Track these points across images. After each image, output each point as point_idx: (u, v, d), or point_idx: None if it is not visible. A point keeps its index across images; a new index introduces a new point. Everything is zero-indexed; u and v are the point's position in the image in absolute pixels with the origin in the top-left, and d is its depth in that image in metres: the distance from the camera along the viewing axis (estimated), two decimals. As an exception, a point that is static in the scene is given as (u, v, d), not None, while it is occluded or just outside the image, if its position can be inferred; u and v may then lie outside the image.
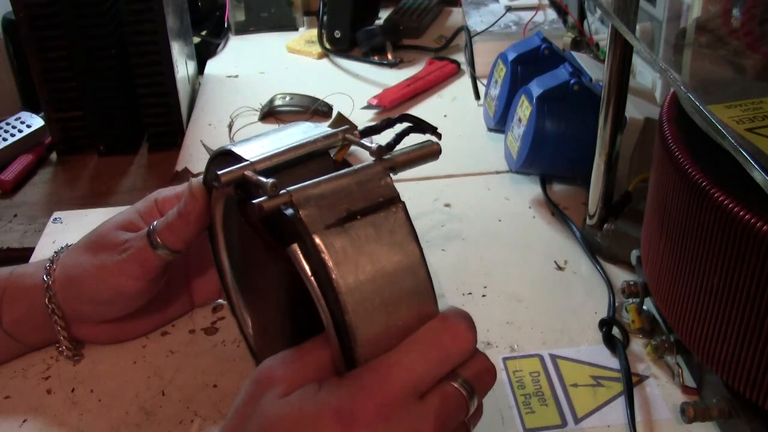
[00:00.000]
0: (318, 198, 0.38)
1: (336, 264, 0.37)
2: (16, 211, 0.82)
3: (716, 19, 0.55)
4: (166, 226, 0.53)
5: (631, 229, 0.66)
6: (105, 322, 0.59)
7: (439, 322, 0.40)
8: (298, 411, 0.37)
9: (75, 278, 0.55)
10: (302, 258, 0.38)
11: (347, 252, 0.38)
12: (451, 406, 0.39)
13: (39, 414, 0.55)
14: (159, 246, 0.53)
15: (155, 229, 0.53)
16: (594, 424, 0.53)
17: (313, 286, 0.38)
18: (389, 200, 0.40)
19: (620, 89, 0.62)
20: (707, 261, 0.46)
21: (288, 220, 0.38)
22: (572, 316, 0.62)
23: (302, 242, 0.38)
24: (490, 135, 0.91)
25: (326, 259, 0.37)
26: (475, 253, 0.70)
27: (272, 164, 0.42)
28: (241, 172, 0.41)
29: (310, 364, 0.40)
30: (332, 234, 0.38)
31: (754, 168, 0.39)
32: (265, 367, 0.41)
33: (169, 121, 0.93)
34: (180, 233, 0.52)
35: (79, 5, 0.84)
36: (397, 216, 0.40)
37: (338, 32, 1.15)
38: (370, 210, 0.39)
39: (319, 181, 0.39)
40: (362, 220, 0.39)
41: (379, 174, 0.41)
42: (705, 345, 0.48)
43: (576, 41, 1.04)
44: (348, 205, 0.39)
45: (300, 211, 0.38)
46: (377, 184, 0.40)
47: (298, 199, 0.38)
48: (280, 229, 0.40)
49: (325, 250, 0.37)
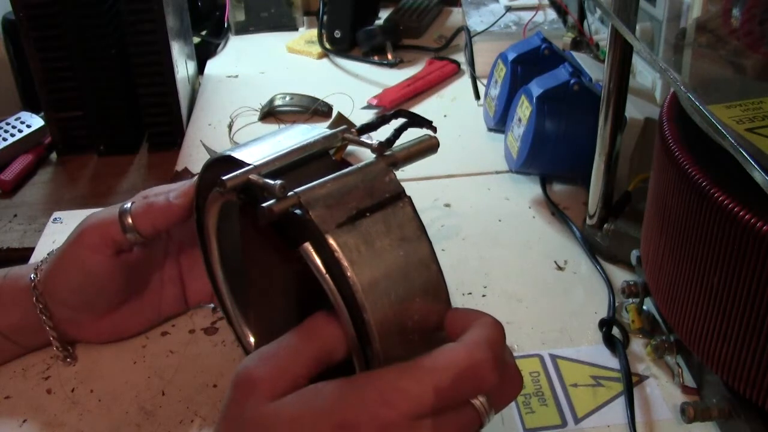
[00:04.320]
0: (326, 198, 0.39)
1: (351, 262, 0.37)
2: (16, 211, 0.82)
3: (716, 19, 0.55)
4: (147, 206, 0.53)
5: (631, 229, 0.66)
6: (97, 321, 0.58)
7: (465, 352, 0.37)
8: (294, 414, 0.37)
9: (51, 268, 0.56)
10: (316, 257, 0.38)
11: (360, 250, 0.38)
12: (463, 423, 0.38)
13: (39, 414, 0.55)
14: (128, 229, 0.53)
15: (130, 208, 0.54)
16: (594, 424, 0.53)
17: (329, 285, 0.38)
18: (395, 195, 0.40)
19: (620, 89, 0.62)
20: (707, 261, 0.46)
21: (298, 221, 0.38)
22: (572, 316, 0.62)
23: (314, 242, 0.38)
24: (490, 135, 0.91)
25: (341, 257, 0.37)
26: (475, 253, 0.70)
27: (276, 167, 0.42)
28: (246, 176, 0.41)
29: (288, 360, 0.39)
30: (344, 232, 0.38)
31: (754, 168, 0.39)
32: (244, 368, 0.39)
33: (169, 121, 0.93)
34: (155, 218, 0.53)
35: (79, 5, 0.84)
36: (405, 210, 0.40)
37: (338, 32, 1.15)
38: (378, 206, 0.39)
39: (325, 181, 0.40)
40: (372, 217, 0.39)
41: (383, 170, 0.41)
42: (705, 345, 0.48)
43: (576, 41, 1.04)
44: (356, 202, 0.39)
45: (310, 212, 0.38)
46: (382, 181, 0.40)
47: (307, 200, 0.38)
48: (287, 231, 0.40)
49: (339, 249, 0.37)
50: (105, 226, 0.54)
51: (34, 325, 0.57)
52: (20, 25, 0.85)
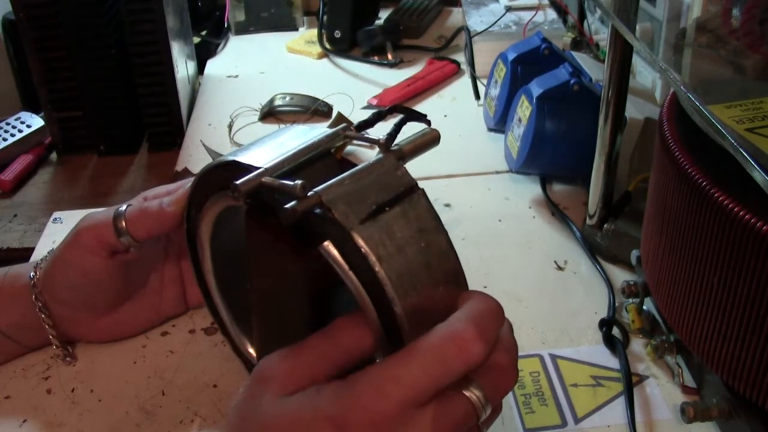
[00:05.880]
0: (345, 195, 0.39)
1: (378, 258, 0.37)
2: (16, 211, 0.82)
3: (716, 19, 0.55)
4: (140, 211, 0.53)
5: (631, 229, 0.66)
6: (96, 320, 0.58)
7: (446, 329, 0.37)
8: (296, 413, 0.37)
9: (50, 266, 0.56)
10: (338, 255, 0.38)
11: (385, 244, 0.38)
12: (457, 416, 0.37)
13: (39, 414, 0.55)
14: (122, 233, 0.53)
15: (125, 212, 0.54)
16: (594, 424, 0.53)
17: (353, 282, 0.38)
18: (410, 188, 0.40)
19: (620, 89, 0.62)
20: (707, 261, 0.46)
21: (320, 220, 0.38)
22: (572, 316, 0.62)
23: (335, 240, 0.38)
24: (490, 135, 0.91)
25: (368, 253, 0.37)
26: (475, 253, 0.70)
27: (285, 169, 0.42)
28: (259, 179, 0.41)
29: (307, 360, 0.39)
30: (368, 228, 0.38)
31: (754, 168, 0.39)
32: (264, 364, 0.40)
33: (169, 121, 0.93)
34: (148, 224, 0.53)
35: (79, 5, 0.84)
36: (421, 202, 0.40)
37: (338, 32, 1.15)
38: (396, 200, 0.40)
39: (341, 179, 0.40)
40: (391, 212, 0.39)
41: (393, 165, 0.41)
42: (705, 345, 0.48)
43: (576, 41, 1.04)
44: (374, 198, 0.39)
45: (333, 210, 0.38)
46: (395, 175, 0.41)
47: (328, 199, 0.38)
48: (303, 232, 0.40)
49: (365, 245, 0.37)
50: (100, 228, 0.54)
51: (33, 323, 0.57)
52: (20, 25, 0.85)
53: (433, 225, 0.40)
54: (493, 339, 0.38)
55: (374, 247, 0.37)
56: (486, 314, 0.38)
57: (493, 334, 0.38)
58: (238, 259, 0.51)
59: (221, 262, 0.53)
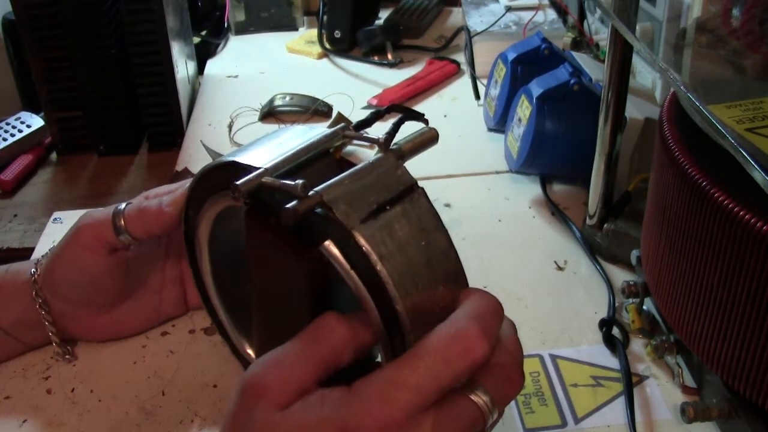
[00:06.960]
0: (346, 195, 0.39)
1: (380, 256, 0.37)
2: (16, 211, 0.82)
3: (716, 19, 0.55)
4: (139, 210, 0.53)
5: (631, 229, 0.66)
6: (96, 317, 0.58)
7: (450, 329, 0.37)
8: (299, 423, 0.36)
9: (50, 263, 0.56)
10: (340, 254, 0.38)
11: (386, 243, 0.38)
12: (465, 420, 0.37)
13: (39, 414, 0.55)
14: (121, 231, 0.54)
15: (124, 210, 0.54)
16: (594, 424, 0.53)
17: (354, 281, 0.38)
18: (410, 187, 0.40)
19: (620, 89, 0.62)
20: (707, 261, 0.46)
21: (320, 219, 0.38)
22: (572, 316, 0.62)
23: (336, 240, 0.38)
24: (490, 135, 0.91)
25: (370, 252, 0.37)
26: (475, 253, 0.70)
27: (285, 169, 0.42)
28: (259, 179, 0.40)
29: (297, 366, 0.38)
30: (369, 227, 0.38)
31: (754, 168, 0.39)
32: (251, 374, 0.38)
33: (169, 121, 0.93)
34: (147, 223, 0.53)
35: (79, 5, 0.84)
36: (421, 201, 0.40)
37: (338, 32, 1.15)
38: (396, 199, 0.40)
39: (342, 178, 0.40)
40: (392, 211, 0.39)
41: (393, 164, 0.41)
42: (705, 345, 0.48)
43: (576, 41, 1.04)
44: (375, 197, 0.39)
45: (334, 210, 0.38)
46: (394, 174, 0.41)
47: (329, 198, 0.38)
48: (303, 231, 0.40)
49: (367, 244, 0.37)
50: (99, 226, 0.54)
51: (34, 320, 0.57)
52: (20, 25, 0.85)
53: (434, 224, 0.40)
54: (495, 336, 0.38)
55: (375, 246, 0.37)
56: (487, 312, 0.38)
57: (494, 331, 0.38)
58: (237, 260, 0.51)
59: (219, 263, 0.53)
